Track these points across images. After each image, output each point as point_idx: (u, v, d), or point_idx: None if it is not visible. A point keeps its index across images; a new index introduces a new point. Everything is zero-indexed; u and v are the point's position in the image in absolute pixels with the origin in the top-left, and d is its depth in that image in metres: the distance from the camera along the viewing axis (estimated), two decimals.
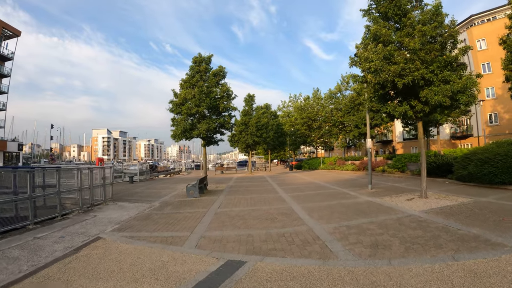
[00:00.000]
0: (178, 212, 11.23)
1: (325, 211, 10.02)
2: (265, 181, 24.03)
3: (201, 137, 20.56)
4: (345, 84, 43.76)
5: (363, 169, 29.04)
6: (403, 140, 48.34)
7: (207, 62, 20.94)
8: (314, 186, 17.99)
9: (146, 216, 10.70)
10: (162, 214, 10.97)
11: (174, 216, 10.53)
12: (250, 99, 36.20)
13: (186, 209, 11.97)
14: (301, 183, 21.08)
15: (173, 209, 12.02)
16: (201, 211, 11.19)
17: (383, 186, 16.50)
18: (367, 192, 14.13)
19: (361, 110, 30.75)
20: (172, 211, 11.55)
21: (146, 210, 12.00)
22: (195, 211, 11.37)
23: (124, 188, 21.46)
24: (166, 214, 10.94)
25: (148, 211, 11.76)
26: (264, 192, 16.38)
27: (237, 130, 34.57)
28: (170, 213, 11.13)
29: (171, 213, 11.11)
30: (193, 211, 11.30)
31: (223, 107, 19.47)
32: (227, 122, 20.16)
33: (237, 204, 12.64)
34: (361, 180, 21.07)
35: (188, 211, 11.37)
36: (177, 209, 12.08)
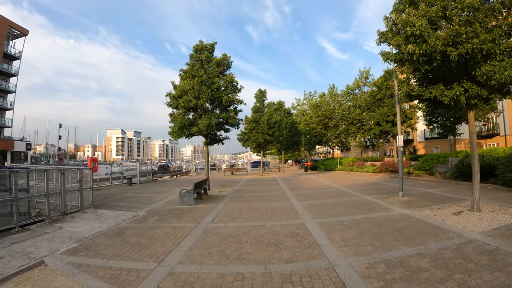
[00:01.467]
0: (160, 227, 8.92)
1: (350, 232, 7.38)
2: (276, 184, 21.45)
3: (202, 135, 18.12)
4: (364, 79, 40.79)
5: (385, 171, 26.13)
6: (424, 139, 45.08)
7: (210, 50, 18.49)
8: (332, 192, 15.32)
9: (119, 231, 8.51)
10: (140, 229, 8.70)
11: (152, 232, 8.23)
12: (262, 95, 33.42)
13: (172, 222, 9.61)
14: (316, 187, 18.42)
15: (156, 222, 9.70)
16: (188, 227, 8.78)
17: (415, 192, 13.70)
18: (399, 202, 11.40)
19: (382, 106, 27.82)
20: (153, 225, 9.24)
21: (125, 222, 9.78)
22: (182, 226, 8.95)
23: (117, 192, 19.40)
24: (144, 229, 8.66)
25: (126, 224, 9.56)
26: (273, 199, 13.82)
27: (248, 128, 32.03)
28: (149, 228, 8.85)
29: (151, 228, 8.83)
30: (178, 226, 8.89)
31: (226, 99, 16.97)
32: (232, 117, 17.61)
33: (236, 216, 10.12)
34: (385, 184, 18.25)
35: (172, 226, 9.00)
36: (161, 221, 9.73)
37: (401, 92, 9.55)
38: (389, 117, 26.51)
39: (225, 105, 17.54)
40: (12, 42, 50.80)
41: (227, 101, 17.16)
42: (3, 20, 46.43)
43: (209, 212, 11.01)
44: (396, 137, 12.29)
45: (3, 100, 49.48)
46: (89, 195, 12.93)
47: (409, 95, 8.84)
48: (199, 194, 14.73)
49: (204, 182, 15.85)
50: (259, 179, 28.54)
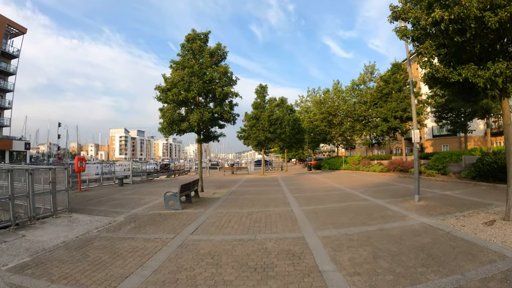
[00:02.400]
0: (132, 238, 7.46)
1: (361, 251, 5.77)
2: (276, 185, 19.87)
3: (194, 131, 16.58)
4: (369, 74, 39.12)
5: (393, 170, 24.43)
6: (432, 137, 43.15)
7: (203, 40, 16.91)
8: (338, 195, 13.70)
9: (84, 242, 7.23)
10: (108, 240, 7.33)
11: (119, 246, 6.83)
12: (262, 90, 31.70)
13: (147, 232, 8.16)
14: (320, 188, 16.81)
15: (130, 231, 8.26)
16: (163, 239, 7.28)
17: (432, 195, 12.06)
18: (415, 207, 9.78)
19: (390, 101, 26.08)
20: (125, 235, 7.82)
21: (96, 230, 8.45)
22: (156, 237, 7.46)
23: (105, 193, 18.04)
24: (112, 241, 7.26)
25: (97, 232, 8.22)
26: (271, 203, 12.25)
27: (248, 125, 30.40)
28: (119, 239, 7.43)
29: (121, 239, 7.40)
30: (152, 238, 7.42)
31: (220, 92, 15.38)
32: (227, 111, 15.99)
33: (224, 225, 8.58)
34: (396, 185, 16.60)
35: (146, 237, 7.55)
36: (136, 230, 8.30)
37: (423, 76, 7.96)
38: (398, 113, 24.78)
39: (219, 98, 15.97)
40: (10, 40, 49.91)
41: (220, 94, 15.58)
42: (1, 19, 45.39)
43: (194, 219, 9.49)
44: (412, 132, 10.65)
45: (1, 99, 48.69)
46: (64, 198, 11.55)
47: (432, 78, 7.21)
48: (188, 197, 13.23)
49: (195, 183, 14.35)
50: (260, 179, 26.97)
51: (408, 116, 25.04)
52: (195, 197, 14.59)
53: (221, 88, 15.73)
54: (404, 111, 25.11)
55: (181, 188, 12.01)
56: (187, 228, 8.42)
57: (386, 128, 25.60)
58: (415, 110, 10.67)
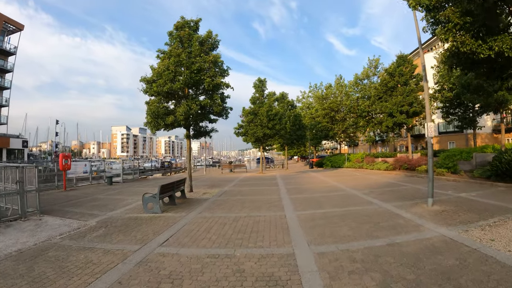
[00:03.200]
0: (92, 249, 6.30)
1: (367, 280, 4.32)
2: (274, 184, 18.45)
3: (181, 126, 15.21)
4: (373, 68, 37.55)
5: (399, 168, 22.96)
6: (438, 133, 41.59)
7: (193, 28, 15.50)
8: (339, 197, 12.24)
9: (38, 252, 6.24)
10: (65, 250, 6.29)
11: (73, 258, 5.74)
12: (261, 84, 30.05)
13: (113, 240, 6.99)
14: (320, 189, 15.38)
15: (95, 239, 7.14)
16: (125, 251, 6.09)
17: (446, 198, 10.63)
18: (430, 213, 8.35)
19: (395, 95, 24.57)
20: (87, 244, 6.69)
21: (59, 237, 7.37)
22: (119, 249, 6.28)
23: (90, 192, 16.93)
24: (69, 251, 6.20)
25: (59, 239, 7.16)
26: (263, 206, 10.86)
27: (246, 121, 28.91)
28: (78, 249, 6.33)
29: (80, 249, 6.30)
30: (114, 249, 6.25)
31: (209, 83, 13.96)
32: (217, 104, 14.55)
33: (201, 235, 7.22)
34: (404, 186, 15.13)
35: (107, 248, 6.39)
36: (101, 238, 7.11)
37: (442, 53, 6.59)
38: (404, 107, 23.27)
39: (208, 89, 14.57)
40: (7, 37, 48.79)
41: (210, 85, 14.17)
42: None
43: (171, 225, 8.19)
44: (425, 125, 9.19)
45: None
46: (34, 199, 10.43)
47: (456, 55, 5.76)
48: (172, 198, 11.90)
49: (180, 183, 13.02)
50: (257, 177, 25.57)
51: (414, 110, 23.55)
52: (181, 198, 13.32)
53: (211, 79, 14.32)
54: (411, 106, 23.61)
55: (161, 189, 10.67)
56: (159, 237, 7.11)
57: (391, 123, 24.09)
58: (428, 100, 9.20)
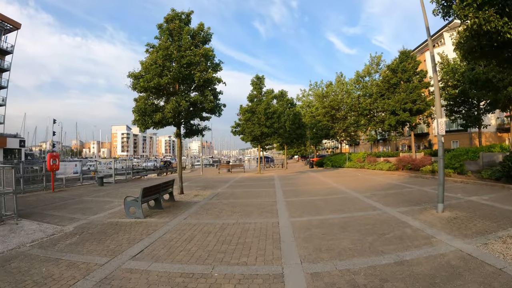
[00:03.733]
0: (57, 260, 5.64)
1: None
2: (270, 185, 17.48)
3: (169, 123, 14.29)
4: (375, 66, 36.46)
5: (402, 168, 21.96)
6: None
7: (185, 20, 14.55)
8: (339, 200, 11.25)
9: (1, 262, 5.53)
10: (30, 261, 5.67)
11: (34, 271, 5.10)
12: (259, 81, 28.98)
13: (83, 250, 6.29)
14: (319, 191, 14.41)
15: (66, 248, 6.47)
16: (90, 265, 5.36)
17: (456, 202, 9.65)
18: (441, 221, 7.37)
19: (398, 92, 23.58)
20: (54, 254, 6.03)
21: (29, 244, 6.76)
22: (84, 262, 5.55)
23: (78, 194, 16.27)
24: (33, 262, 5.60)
25: (28, 247, 6.56)
26: (255, 211, 9.91)
27: (243, 119, 27.89)
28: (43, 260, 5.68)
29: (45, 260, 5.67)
30: (80, 262, 5.55)
31: (199, 77, 13.00)
32: (209, 100, 13.57)
33: (180, 246, 6.31)
34: (409, 187, 14.13)
35: (74, 260, 5.63)
36: (72, 248, 6.40)
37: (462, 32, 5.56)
38: (407, 105, 22.27)
39: (198, 84, 13.62)
40: (4, 36, 47.92)
41: (200, 80, 13.21)
42: None
43: (150, 233, 7.35)
44: (436, 121, 8.20)
45: None
46: (11, 202, 9.68)
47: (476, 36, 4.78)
48: (157, 202, 10.97)
49: (168, 185, 12.09)
50: (254, 178, 24.58)
51: (418, 108, 22.55)
52: (169, 201, 12.44)
53: (201, 73, 13.35)
54: (414, 103, 22.61)
55: (144, 193, 9.71)
56: (133, 247, 6.28)
57: (394, 121, 23.08)
58: (439, 93, 8.21)
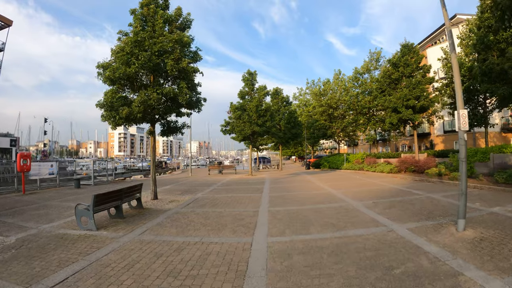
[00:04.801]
0: None
1: None
2: (258, 190, 15.60)
3: (146, 120, 12.50)
4: (374, 62, 34.68)
5: (405, 170, 20.12)
6: (443, 132, 38.70)
7: (162, 6, 12.69)
8: (334, 211, 9.29)
9: None
10: None
11: None
12: (251, 77, 26.78)
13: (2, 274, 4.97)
14: (312, 198, 12.55)
15: None
16: None
17: (477, 215, 7.82)
18: (464, 243, 5.55)
19: (400, 87, 21.76)
20: None
21: None
22: None
23: (46, 197, 14.86)
24: None
25: None
26: (230, 224, 8.07)
27: (233, 117, 25.93)
28: None
29: None
30: None
31: (172, 66, 11.15)
32: (184, 93, 11.71)
33: (111, 279, 4.56)
34: (416, 194, 12.21)
35: None
36: None
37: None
38: (410, 101, 20.43)
39: (171, 74, 11.79)
40: None
41: (173, 69, 11.37)
42: None
43: (89, 254, 5.76)
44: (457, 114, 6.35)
45: None
46: None
47: None
48: (119, 210, 9.17)
49: (135, 190, 10.32)
50: (243, 180, 22.67)
51: (422, 105, 20.72)
52: (136, 208, 10.69)
53: (175, 62, 11.49)
54: (418, 99, 20.79)
55: (96, 200, 7.94)
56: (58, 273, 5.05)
57: (396, 120, 21.20)
58: (458, 74, 6.36)
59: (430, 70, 22.76)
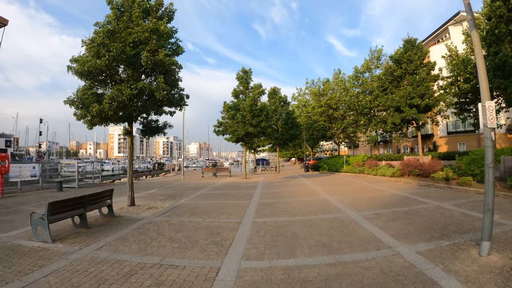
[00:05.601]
0: None
1: None
2: (247, 196, 14.24)
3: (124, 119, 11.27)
4: (375, 60, 33.32)
5: (409, 174, 18.72)
6: (447, 134, 37.28)
7: None
8: (329, 225, 7.89)
9: None
10: None
11: None
12: (245, 75, 25.30)
13: None
14: (305, 206, 11.23)
15: None
16: None
17: (502, 233, 6.49)
18: (491, 274, 4.21)
19: (403, 85, 20.43)
20: None
21: None
22: None
23: (23, 201, 14.16)
24: None
25: None
26: (201, 240, 6.77)
27: (226, 117, 24.53)
28: None
29: None
30: None
31: (147, 58, 9.84)
32: (161, 88, 10.40)
33: None
34: (423, 202, 10.86)
35: None
36: None
37: None
38: (414, 100, 19.11)
39: (147, 67, 10.48)
40: None
41: (148, 62, 10.08)
42: None
43: (27, 274, 4.78)
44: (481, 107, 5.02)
45: None
46: None
47: None
48: (83, 218, 7.94)
49: (104, 197, 9.08)
50: (235, 184, 21.30)
51: (427, 104, 19.38)
52: (107, 216, 9.43)
53: (150, 53, 10.19)
54: (422, 98, 19.47)
55: (51, 208, 6.75)
56: None
57: (399, 120, 19.83)
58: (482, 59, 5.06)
59: (435, 67, 21.42)
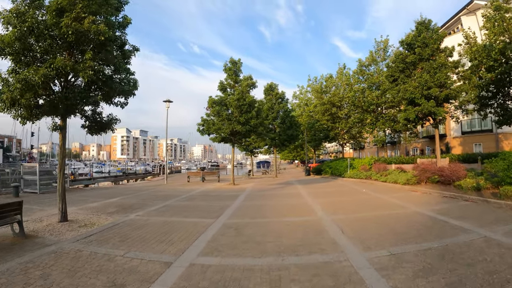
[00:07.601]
0: None
1: None
2: (219, 211, 10.98)
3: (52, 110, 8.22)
4: (381, 52, 29.89)
5: (426, 181, 15.39)
6: (461, 134, 33.85)
7: None
8: (313, 281, 4.67)
9: None
10: None
11: None
12: (234, 66, 21.73)
13: None
14: (286, 235, 7.93)
15: None
16: None
17: None
18: None
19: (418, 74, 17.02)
20: None
21: None
22: None
23: None
24: None
25: None
26: None
27: (211, 113, 21.17)
28: None
29: None
30: None
31: (67, 27, 6.82)
32: (87, 67, 7.20)
33: None
34: (461, 229, 7.42)
35: None
36: None
37: None
38: (432, 90, 15.72)
39: (68, 40, 7.40)
40: None
41: (69, 31, 7.04)
42: None
43: None
44: None
45: None
46: None
47: None
48: None
49: (7, 211, 6.20)
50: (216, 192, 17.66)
51: (447, 95, 16.02)
52: (18, 236, 6.47)
53: (72, 20, 7.10)
54: (442, 87, 16.11)
55: None
56: None
57: (414, 115, 16.32)
58: None
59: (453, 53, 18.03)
